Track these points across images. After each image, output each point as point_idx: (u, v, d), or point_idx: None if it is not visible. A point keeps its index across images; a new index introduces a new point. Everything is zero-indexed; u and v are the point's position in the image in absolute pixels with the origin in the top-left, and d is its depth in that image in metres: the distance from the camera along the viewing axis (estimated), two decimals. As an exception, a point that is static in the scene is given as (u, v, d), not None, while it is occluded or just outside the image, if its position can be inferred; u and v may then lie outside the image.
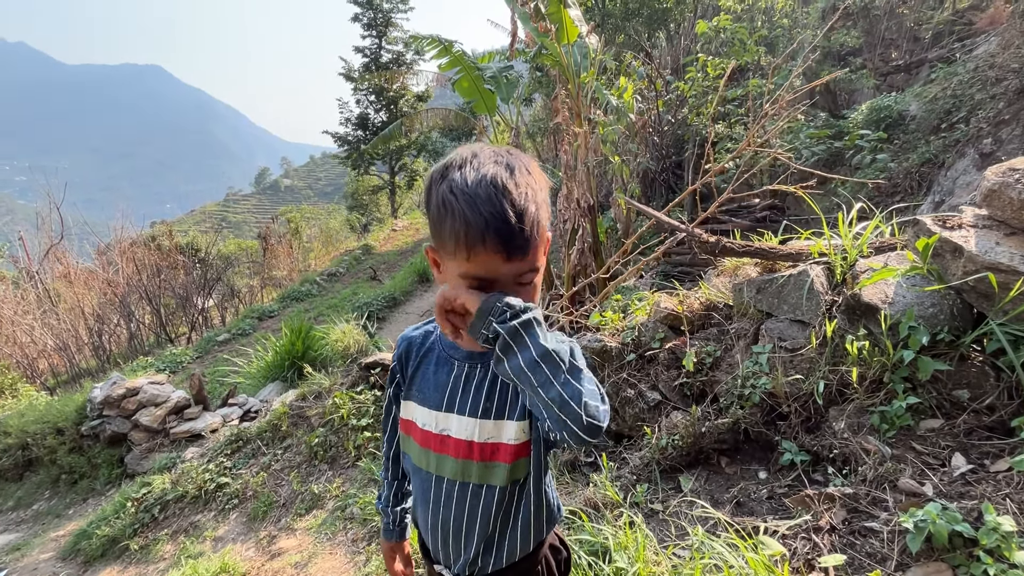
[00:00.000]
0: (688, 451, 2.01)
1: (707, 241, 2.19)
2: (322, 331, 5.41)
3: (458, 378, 0.92)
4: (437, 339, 0.98)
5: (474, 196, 0.71)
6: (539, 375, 0.71)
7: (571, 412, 0.70)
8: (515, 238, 0.72)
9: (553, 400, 0.70)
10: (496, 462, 0.88)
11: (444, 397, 0.91)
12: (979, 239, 1.67)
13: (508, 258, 0.73)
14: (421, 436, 0.94)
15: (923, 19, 8.87)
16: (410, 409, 0.97)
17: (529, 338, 0.72)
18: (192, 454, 4.58)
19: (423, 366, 0.97)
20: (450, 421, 0.90)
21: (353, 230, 23.28)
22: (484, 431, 0.88)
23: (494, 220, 0.70)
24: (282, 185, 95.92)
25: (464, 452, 0.89)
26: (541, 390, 0.71)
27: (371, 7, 19.79)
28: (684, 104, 7.50)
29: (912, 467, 1.51)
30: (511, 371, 0.73)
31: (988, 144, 4.53)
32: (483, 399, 0.89)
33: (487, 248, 0.72)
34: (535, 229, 0.74)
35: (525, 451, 0.88)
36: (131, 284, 12.77)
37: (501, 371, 0.75)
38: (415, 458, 0.96)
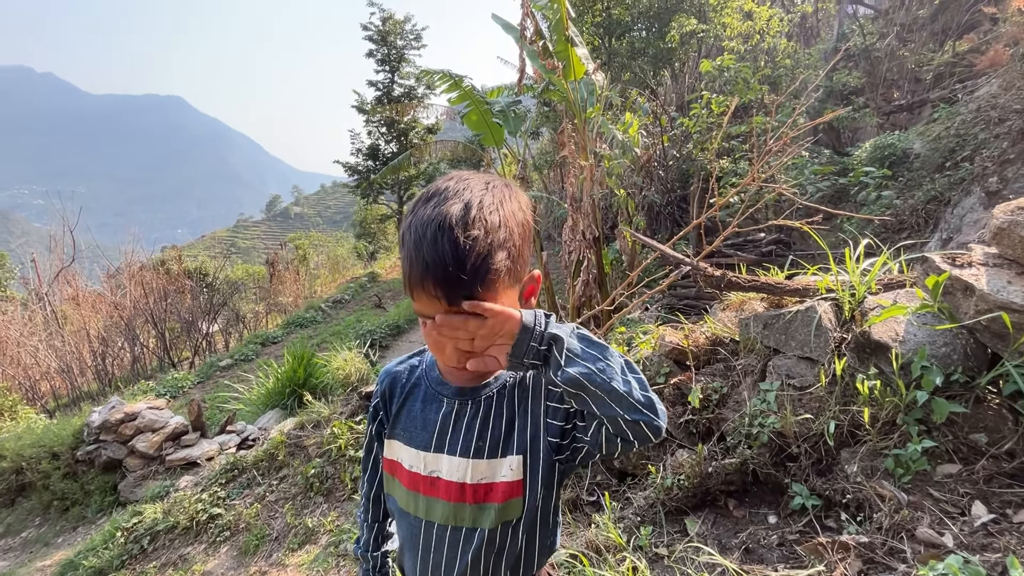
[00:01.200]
0: (694, 492, 1.93)
1: (712, 275, 2.17)
2: (324, 359, 5.37)
3: (447, 416, 0.87)
4: (423, 374, 0.94)
5: (421, 237, 0.70)
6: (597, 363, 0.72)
7: (646, 400, 0.72)
8: (453, 285, 0.68)
9: (627, 392, 0.71)
10: (488, 503, 0.83)
11: (433, 437, 0.87)
12: (990, 278, 1.64)
13: (448, 304, 0.70)
14: (408, 478, 0.89)
15: (923, 61, 9.06)
16: (395, 449, 0.92)
17: (596, 349, 0.73)
18: (186, 483, 4.48)
19: (408, 403, 0.92)
20: (440, 462, 0.86)
21: (360, 258, 23.50)
22: (477, 472, 0.83)
23: (433, 266, 0.68)
24: (292, 212, 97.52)
25: (456, 495, 0.84)
26: (612, 382, 0.71)
27: (385, 44, 20.51)
28: (689, 140, 7.62)
29: (930, 515, 1.44)
30: (574, 376, 0.71)
31: (994, 183, 4.54)
32: (475, 438, 0.84)
33: (426, 292, 0.70)
34: (481, 275, 0.69)
35: (518, 490, 0.83)
36: (138, 307, 12.85)
37: (565, 381, 0.71)
38: (401, 501, 0.91)
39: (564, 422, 0.82)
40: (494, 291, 0.72)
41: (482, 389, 0.87)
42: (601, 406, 0.72)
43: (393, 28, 20.44)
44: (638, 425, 0.72)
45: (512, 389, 0.87)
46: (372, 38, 20.48)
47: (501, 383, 0.88)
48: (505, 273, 0.73)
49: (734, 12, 8.50)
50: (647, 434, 0.73)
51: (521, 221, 0.77)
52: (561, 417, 0.83)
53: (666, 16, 9.99)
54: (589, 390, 0.71)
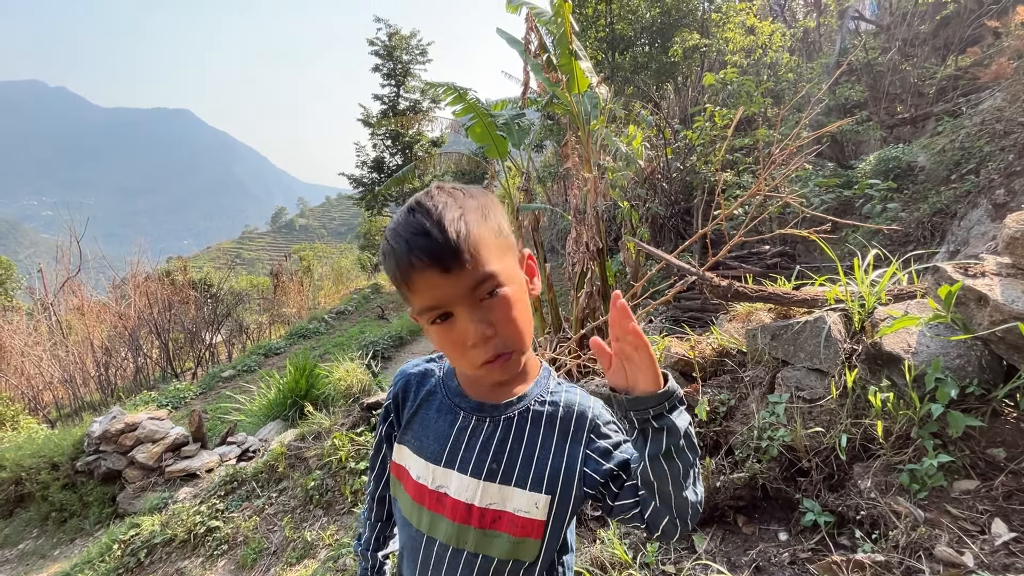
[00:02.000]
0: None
1: (719, 285, 2.14)
2: (326, 369, 5.34)
3: (462, 431, 0.82)
4: (440, 382, 0.89)
5: (396, 228, 0.70)
6: (688, 479, 0.72)
7: (692, 511, 0.73)
8: (440, 247, 0.67)
9: (688, 504, 0.72)
10: (496, 531, 0.78)
11: (444, 450, 0.82)
12: (1004, 288, 1.60)
13: (444, 271, 0.67)
14: (414, 489, 0.84)
15: (926, 75, 9.08)
16: (403, 455, 0.88)
17: (691, 441, 0.72)
18: (185, 494, 4.43)
19: (423, 410, 0.88)
20: (449, 478, 0.81)
21: (364, 269, 23.54)
22: (487, 495, 0.78)
23: (415, 238, 0.67)
24: (297, 224, 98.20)
25: (462, 516, 0.79)
26: (685, 492, 0.71)
27: (391, 59, 20.79)
28: (692, 152, 7.63)
29: (948, 533, 1.39)
30: (668, 470, 0.70)
31: (1001, 195, 4.51)
32: (489, 459, 0.79)
33: (417, 268, 0.68)
34: (463, 231, 0.68)
35: (536, 531, 0.77)
36: (142, 318, 12.88)
37: (655, 469, 0.70)
38: (405, 510, 0.87)
39: (605, 479, 0.78)
40: (485, 248, 0.70)
41: (504, 408, 0.82)
42: (662, 499, 0.72)
43: (399, 43, 20.74)
44: (677, 529, 0.73)
45: (538, 417, 0.82)
46: (378, 53, 20.77)
47: (525, 405, 0.82)
48: (488, 236, 0.71)
49: (736, 27, 8.57)
50: (675, 537, 0.75)
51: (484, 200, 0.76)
52: (603, 474, 0.78)
53: (669, 31, 10.09)
54: (669, 480, 0.71)
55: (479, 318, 0.70)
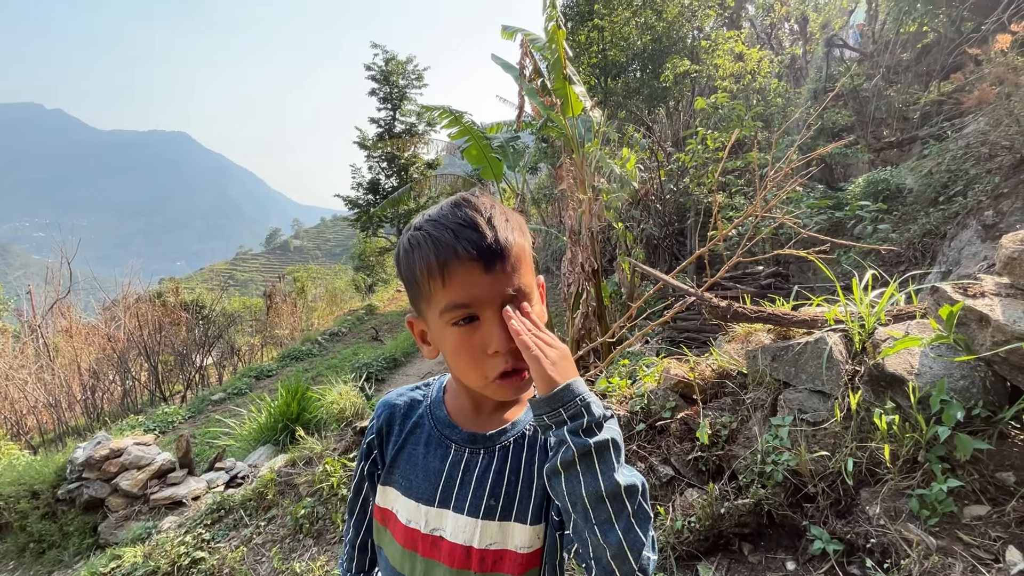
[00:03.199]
0: (706, 535, 1.83)
1: (718, 306, 2.13)
2: (318, 392, 5.25)
3: (455, 466, 0.76)
4: (427, 412, 0.83)
5: (439, 219, 0.67)
6: (600, 512, 0.60)
7: (625, 564, 0.59)
8: (489, 244, 0.64)
9: (609, 545, 0.59)
10: (500, 573, 0.72)
11: (437, 489, 0.76)
12: (1005, 308, 1.59)
13: (487, 268, 0.64)
14: (405, 535, 0.77)
15: (910, 100, 9.32)
16: (390, 498, 0.80)
17: (601, 465, 0.60)
18: (169, 524, 4.28)
19: (408, 445, 0.81)
20: (444, 520, 0.75)
21: (358, 291, 23.45)
22: (486, 535, 0.73)
23: (463, 229, 0.65)
24: (291, 245, 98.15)
25: (460, 560, 0.73)
26: (598, 529, 0.60)
27: (388, 83, 21.12)
28: (685, 174, 7.74)
29: (962, 562, 1.35)
30: (566, 495, 0.62)
31: (990, 216, 4.57)
32: (486, 495, 0.74)
33: (461, 260, 0.64)
34: (510, 237, 0.66)
35: (536, 561, 0.73)
36: (131, 340, 12.69)
37: (554, 488, 0.63)
38: (394, 560, 0.79)
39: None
40: (525, 262, 0.69)
41: (498, 437, 0.77)
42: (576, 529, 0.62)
43: (396, 68, 21.10)
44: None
45: (533, 442, 0.77)
46: (375, 77, 21.10)
47: (519, 431, 0.78)
48: (528, 250, 0.70)
49: (725, 54, 8.79)
50: None
51: (520, 220, 0.73)
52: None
53: (660, 57, 10.32)
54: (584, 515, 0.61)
55: (505, 327, 0.66)
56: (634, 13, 10.68)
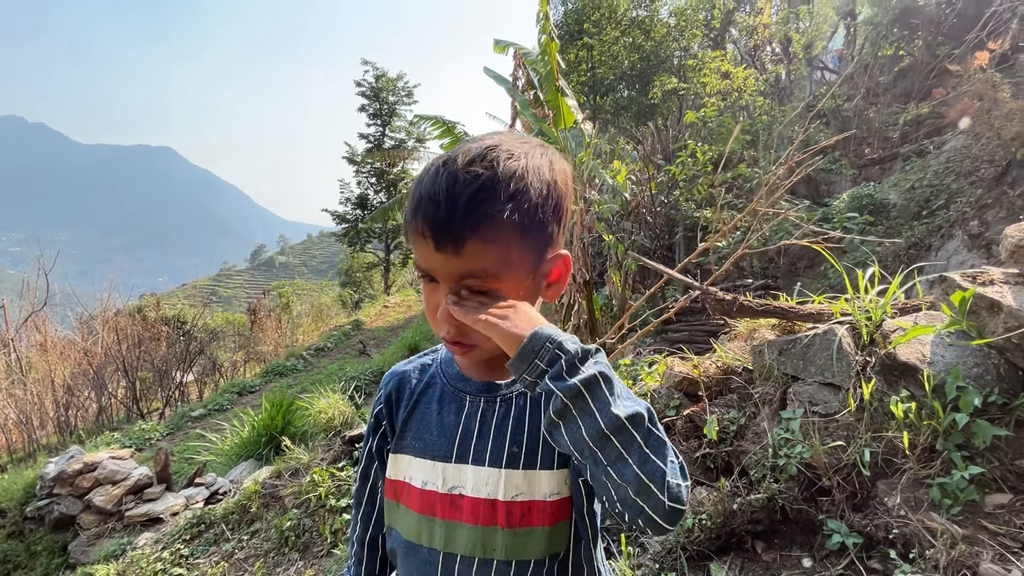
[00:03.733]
0: (718, 533, 1.76)
1: (723, 299, 2.09)
2: (306, 400, 5.10)
3: (471, 418, 0.71)
4: (438, 371, 0.78)
5: (424, 174, 0.63)
6: (609, 451, 0.55)
7: (651, 497, 0.54)
8: (440, 224, 0.59)
9: (628, 482, 0.54)
10: (530, 527, 0.65)
11: (454, 444, 0.70)
12: (1016, 294, 1.59)
13: (436, 247, 0.60)
14: (421, 500, 0.70)
15: (889, 121, 9.62)
16: (403, 465, 0.73)
17: (595, 402, 0.56)
18: (145, 540, 4.07)
19: (421, 406, 0.75)
20: (463, 475, 0.68)
21: (345, 306, 23.16)
22: (511, 486, 0.66)
23: (425, 199, 0.60)
24: (277, 261, 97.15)
25: (485, 516, 0.66)
26: (612, 469, 0.55)
27: (378, 99, 21.25)
28: (675, 187, 7.83)
29: (989, 550, 1.30)
30: (570, 443, 0.57)
31: (975, 226, 4.67)
32: (507, 443, 0.68)
33: (416, 231, 0.62)
34: (474, 216, 0.58)
35: (566, 512, 0.66)
36: (109, 354, 12.30)
37: (558, 441, 0.58)
38: (410, 533, 0.71)
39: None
40: (493, 244, 0.60)
41: (513, 384, 0.72)
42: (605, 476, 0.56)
43: (386, 85, 21.26)
44: (642, 512, 0.55)
45: None
46: (365, 94, 21.23)
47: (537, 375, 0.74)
48: (511, 229, 0.60)
49: (712, 72, 9.00)
50: (658, 522, 0.55)
51: (547, 181, 0.64)
52: None
53: (648, 75, 10.55)
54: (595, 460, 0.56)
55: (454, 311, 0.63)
56: (623, 33, 10.93)
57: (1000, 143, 4.86)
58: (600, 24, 10.92)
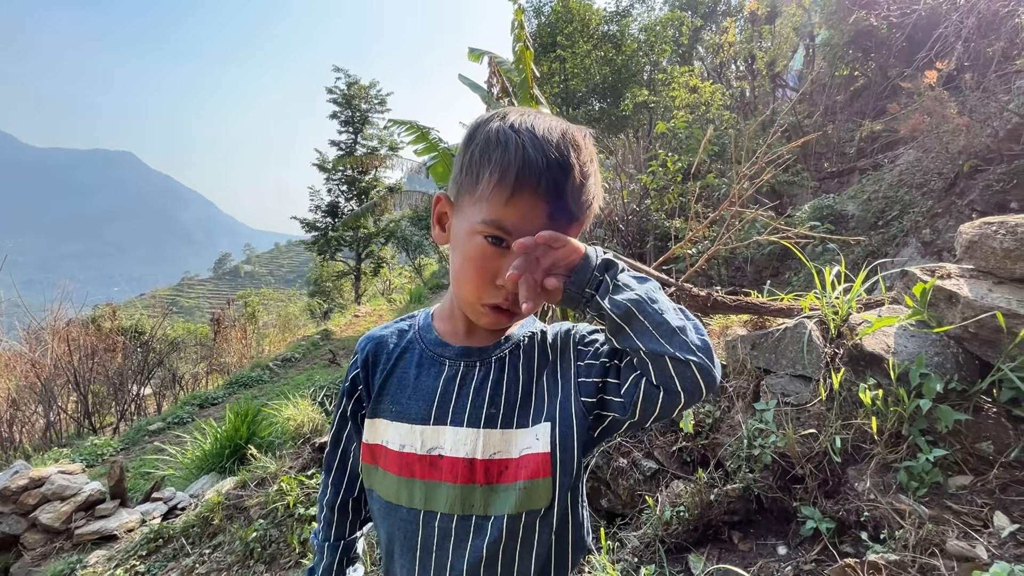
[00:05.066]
0: (695, 525, 1.77)
1: (698, 295, 2.13)
2: (273, 408, 4.93)
3: (450, 381, 0.72)
4: (417, 336, 0.79)
5: (543, 137, 0.63)
6: (650, 293, 0.63)
7: (702, 343, 0.61)
8: (570, 194, 0.63)
9: (681, 327, 0.61)
10: (504, 484, 0.67)
11: (432, 407, 0.71)
12: (972, 286, 1.67)
13: (551, 215, 0.62)
14: (399, 462, 0.71)
15: (845, 138, 10.11)
16: (379, 429, 0.74)
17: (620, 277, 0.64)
18: (97, 558, 3.83)
19: (398, 370, 0.76)
20: (442, 436, 0.70)
21: (313, 316, 22.59)
22: (489, 445, 0.68)
23: (558, 166, 0.62)
24: (242, 271, 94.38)
25: (464, 475, 0.68)
26: (664, 314, 0.62)
27: (350, 107, 21.04)
28: (647, 196, 8.00)
29: (954, 528, 1.35)
30: (624, 303, 0.62)
31: (927, 234, 4.93)
32: (486, 403, 0.70)
33: (538, 194, 0.61)
34: (589, 202, 0.66)
35: (544, 467, 0.67)
36: (59, 366, 11.63)
37: (614, 308, 0.62)
38: (388, 493, 0.72)
39: (599, 378, 0.69)
40: (582, 227, 0.68)
41: (493, 349, 0.74)
42: (648, 340, 0.60)
43: (358, 92, 21.08)
44: (689, 368, 0.60)
45: (529, 350, 0.74)
46: (337, 101, 21.00)
47: (514, 343, 0.75)
48: (587, 222, 0.69)
49: (681, 86, 9.28)
50: (699, 383, 0.61)
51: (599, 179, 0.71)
52: (597, 373, 0.69)
53: (619, 88, 10.80)
54: (637, 320, 0.61)
55: (525, 269, 0.64)
56: (595, 47, 11.17)
57: (948, 156, 5.16)
58: (573, 37, 11.13)
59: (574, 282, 0.63)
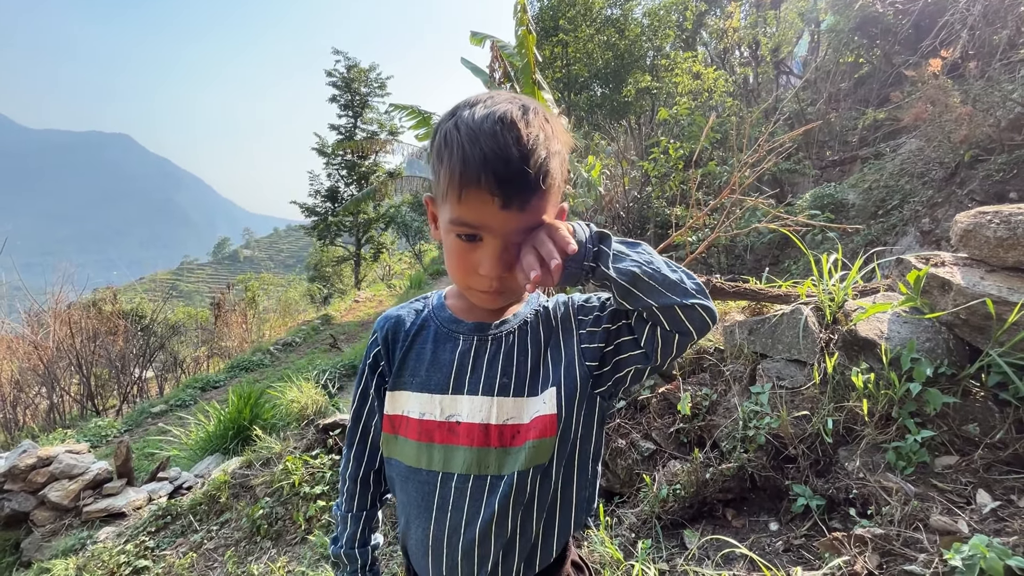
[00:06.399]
0: (691, 502, 1.84)
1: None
2: (277, 390, 5.00)
3: (465, 354, 0.79)
4: (431, 315, 0.85)
5: (478, 131, 0.64)
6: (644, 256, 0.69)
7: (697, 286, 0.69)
8: (514, 182, 0.64)
9: (679, 279, 0.68)
10: (516, 446, 0.74)
11: (450, 378, 0.78)
12: (964, 274, 1.71)
13: (503, 205, 0.64)
14: (419, 429, 0.78)
15: (848, 126, 10.06)
16: (401, 401, 0.81)
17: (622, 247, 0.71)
18: (107, 534, 3.92)
19: (416, 346, 0.82)
20: (459, 405, 0.77)
21: (313, 301, 22.64)
22: (502, 411, 0.75)
23: (493, 157, 0.63)
24: (241, 255, 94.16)
25: (479, 439, 0.74)
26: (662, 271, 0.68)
27: (349, 91, 20.85)
28: (648, 183, 7.99)
29: (938, 505, 1.41)
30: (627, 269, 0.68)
31: (927, 223, 4.95)
32: (499, 374, 0.76)
33: (481, 188, 0.64)
34: (541, 178, 0.65)
35: (550, 427, 0.74)
36: (62, 349, 11.71)
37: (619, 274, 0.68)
38: (409, 459, 0.78)
39: (604, 343, 0.76)
40: (548, 200, 0.69)
41: (502, 325, 0.81)
42: (657, 296, 0.67)
43: (358, 76, 20.87)
44: (695, 310, 0.68)
45: (535, 325, 0.81)
46: (336, 84, 20.80)
47: (521, 319, 0.82)
48: (557, 184, 0.70)
49: (684, 72, 9.22)
50: (705, 319, 0.69)
51: (563, 138, 0.72)
52: (600, 339, 0.76)
53: (622, 73, 10.71)
54: (643, 282, 0.67)
55: (503, 257, 0.70)
56: (597, 31, 11.05)
57: (950, 146, 5.17)
58: (575, 21, 11.01)
59: (573, 259, 0.68)
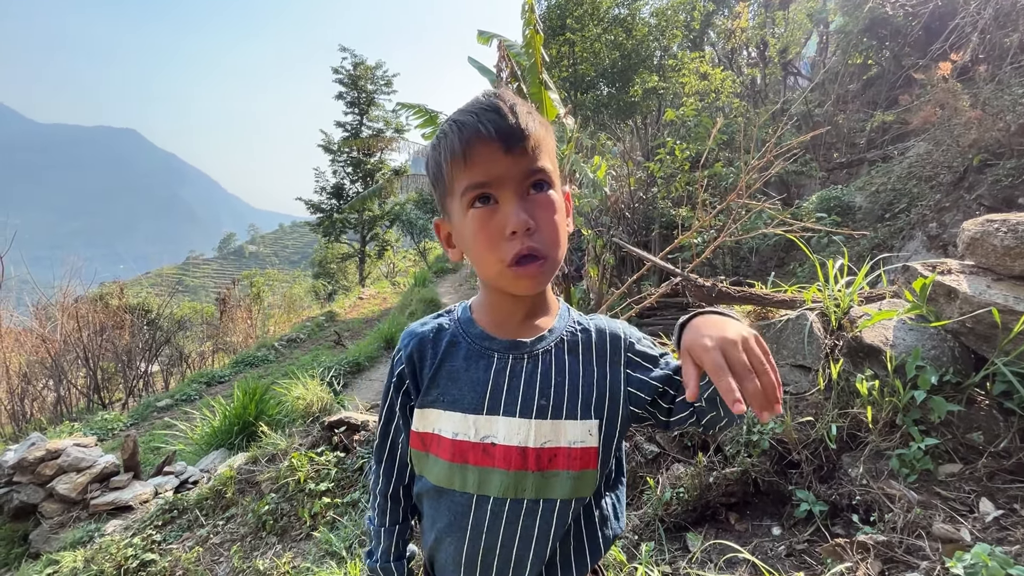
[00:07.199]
0: (694, 506, 1.85)
1: (703, 285, 2.18)
2: (282, 387, 5.03)
3: (499, 373, 0.76)
4: (461, 331, 0.82)
5: (465, 108, 0.71)
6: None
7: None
8: (509, 126, 0.67)
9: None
10: (555, 470, 0.73)
11: (485, 398, 0.75)
12: (971, 282, 1.71)
13: (507, 149, 0.67)
14: (452, 449, 0.75)
15: (856, 128, 10.00)
16: (430, 419, 0.78)
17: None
18: (114, 527, 3.97)
19: (447, 363, 0.79)
20: (495, 425, 0.74)
21: (318, 298, 22.72)
22: (540, 434, 0.73)
23: (485, 112, 0.68)
24: (247, 251, 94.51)
25: (517, 462, 0.73)
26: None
27: (356, 88, 20.88)
28: (654, 184, 7.98)
29: (941, 512, 1.42)
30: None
31: (934, 227, 4.93)
32: (536, 396, 0.74)
33: (482, 138, 0.67)
34: (531, 125, 0.69)
35: (592, 461, 0.73)
36: (69, 342, 11.81)
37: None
38: (440, 479, 0.77)
39: (650, 396, 0.76)
40: (547, 143, 0.72)
41: (538, 343, 0.78)
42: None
43: (364, 73, 20.89)
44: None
45: (574, 346, 0.79)
46: (343, 81, 20.83)
47: (558, 336, 0.79)
48: (550, 138, 0.73)
49: (691, 73, 9.18)
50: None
51: (548, 128, 0.76)
52: (648, 391, 0.76)
53: (629, 73, 10.67)
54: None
55: (524, 208, 0.68)
56: (604, 30, 11.02)
57: (959, 150, 5.14)
58: (582, 20, 10.98)
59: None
